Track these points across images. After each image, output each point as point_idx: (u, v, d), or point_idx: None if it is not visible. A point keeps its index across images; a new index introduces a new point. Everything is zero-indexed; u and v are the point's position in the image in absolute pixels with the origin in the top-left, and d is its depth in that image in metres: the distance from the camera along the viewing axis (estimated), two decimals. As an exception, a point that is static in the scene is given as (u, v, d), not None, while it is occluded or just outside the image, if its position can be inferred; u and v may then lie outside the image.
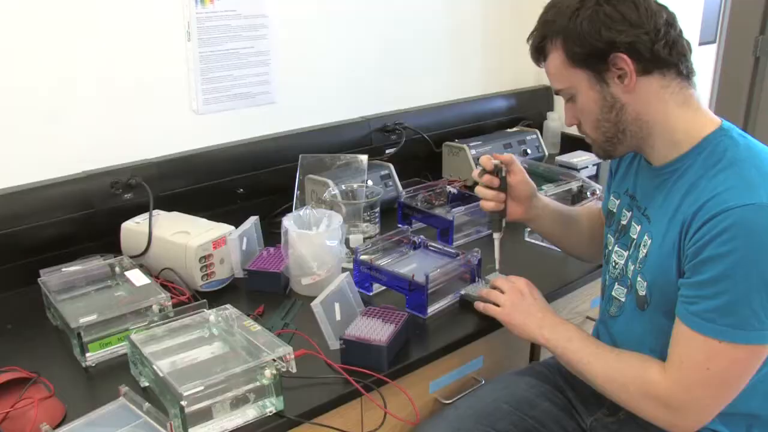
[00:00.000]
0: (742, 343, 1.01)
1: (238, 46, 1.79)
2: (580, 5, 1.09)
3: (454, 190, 1.91)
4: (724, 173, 1.05)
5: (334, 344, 1.25)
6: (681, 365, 1.07)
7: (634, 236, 1.21)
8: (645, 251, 1.15)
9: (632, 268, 1.19)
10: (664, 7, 1.11)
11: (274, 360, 1.11)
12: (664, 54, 1.08)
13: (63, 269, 1.45)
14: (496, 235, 1.43)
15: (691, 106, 1.12)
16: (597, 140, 1.19)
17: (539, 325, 1.27)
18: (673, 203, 1.10)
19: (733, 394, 1.06)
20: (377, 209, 1.67)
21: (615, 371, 1.15)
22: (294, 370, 1.13)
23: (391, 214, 1.83)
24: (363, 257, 1.48)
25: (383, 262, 1.52)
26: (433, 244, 1.58)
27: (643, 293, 1.16)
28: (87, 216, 1.57)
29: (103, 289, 1.43)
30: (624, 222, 1.25)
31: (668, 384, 1.07)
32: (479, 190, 1.41)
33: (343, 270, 1.48)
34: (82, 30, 1.54)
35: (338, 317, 1.28)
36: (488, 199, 1.39)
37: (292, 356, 1.13)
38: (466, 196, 1.86)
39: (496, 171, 1.38)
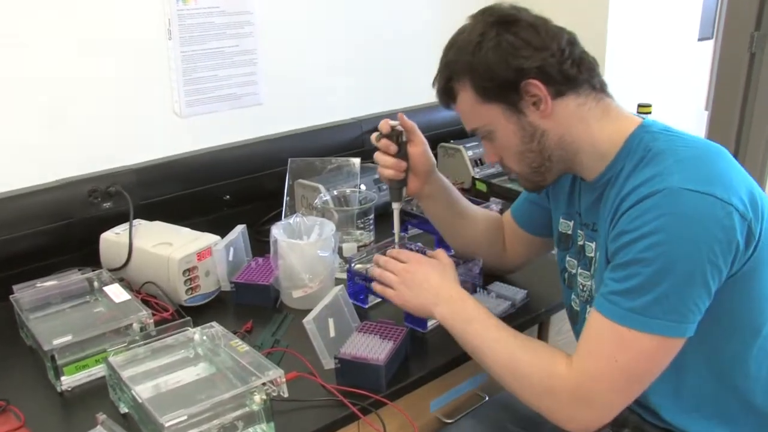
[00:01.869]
0: (643, 331, 0.96)
1: (222, 45, 1.71)
2: (480, 39, 1.07)
3: (450, 194, 1.83)
4: (644, 169, 1.02)
5: (329, 363, 1.18)
6: (588, 355, 1.02)
7: (591, 254, 1.17)
8: None
9: (596, 286, 1.15)
10: (563, 29, 1.09)
11: (264, 384, 1.03)
12: (573, 73, 1.07)
13: (38, 285, 1.37)
14: (395, 205, 1.35)
15: (610, 115, 1.11)
16: (523, 173, 1.16)
17: (434, 302, 1.19)
18: (611, 210, 1.07)
19: (640, 389, 1.02)
20: (371, 216, 1.60)
21: (519, 362, 1.07)
22: (285, 394, 1.06)
23: (385, 220, 1.74)
24: (357, 267, 1.40)
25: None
26: (431, 252, 1.49)
27: None
28: (64, 227, 1.50)
29: (80, 305, 1.35)
30: (580, 243, 1.21)
31: (575, 376, 1.01)
32: (377, 156, 1.32)
33: (337, 281, 1.41)
34: (57, 29, 1.47)
35: (332, 334, 1.20)
36: (386, 166, 1.31)
37: (284, 379, 1.05)
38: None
39: (394, 136, 1.30)
